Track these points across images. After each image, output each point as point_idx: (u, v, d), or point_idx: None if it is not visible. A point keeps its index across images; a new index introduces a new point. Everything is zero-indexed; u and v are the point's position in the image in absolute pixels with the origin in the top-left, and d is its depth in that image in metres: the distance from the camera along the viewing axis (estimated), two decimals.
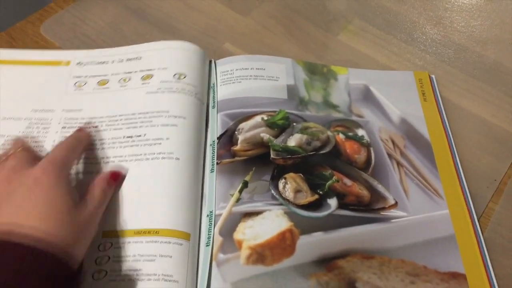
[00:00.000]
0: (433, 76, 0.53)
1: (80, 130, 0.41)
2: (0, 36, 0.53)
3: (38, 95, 0.45)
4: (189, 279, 0.36)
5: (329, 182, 0.43)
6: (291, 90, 0.49)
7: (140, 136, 0.42)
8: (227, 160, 0.44)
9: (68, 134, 0.41)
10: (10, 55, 0.49)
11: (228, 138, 0.45)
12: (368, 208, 0.42)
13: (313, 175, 0.43)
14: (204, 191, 0.42)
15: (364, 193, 0.43)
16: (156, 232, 0.37)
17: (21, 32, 0.53)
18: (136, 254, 0.36)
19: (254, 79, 0.49)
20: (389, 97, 0.50)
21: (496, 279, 0.39)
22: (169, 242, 0.36)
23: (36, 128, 0.43)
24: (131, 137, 0.42)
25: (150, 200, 0.39)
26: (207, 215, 0.40)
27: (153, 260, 0.36)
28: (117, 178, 0.39)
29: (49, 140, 0.42)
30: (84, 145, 0.40)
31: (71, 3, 0.57)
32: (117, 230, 0.37)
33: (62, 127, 0.43)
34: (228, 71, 0.50)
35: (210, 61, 0.51)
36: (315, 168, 0.44)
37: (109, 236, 0.37)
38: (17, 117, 0.43)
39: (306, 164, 0.44)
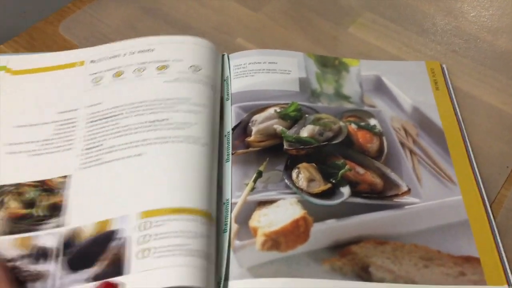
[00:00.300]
0: (444, 65, 0.54)
1: None
2: (20, 36, 0.55)
3: (60, 98, 0.47)
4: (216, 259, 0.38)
5: (342, 171, 0.44)
6: (303, 83, 0.50)
7: (163, 120, 0.43)
8: (242, 150, 0.45)
9: (95, 128, 0.43)
10: (27, 64, 0.50)
11: (242, 129, 0.46)
12: (381, 195, 0.43)
13: (326, 165, 0.44)
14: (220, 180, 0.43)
15: (377, 181, 0.44)
16: (190, 211, 0.38)
17: (41, 32, 0.55)
18: (178, 230, 0.37)
19: (266, 72, 0.50)
20: (401, 87, 0.51)
21: (508, 263, 0.40)
22: (198, 221, 0.38)
23: (64, 129, 0.45)
24: (154, 121, 0.43)
25: (177, 181, 0.40)
26: (224, 203, 0.41)
27: (191, 237, 0.37)
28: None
29: (78, 137, 0.44)
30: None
31: (88, 3, 0.58)
32: (154, 209, 0.38)
33: (88, 122, 0.45)
34: (241, 65, 0.51)
35: (223, 55, 0.52)
36: (328, 158, 0.45)
37: (147, 216, 0.38)
38: (44, 122, 0.45)
39: (319, 154, 0.45)
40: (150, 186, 0.40)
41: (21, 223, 0.39)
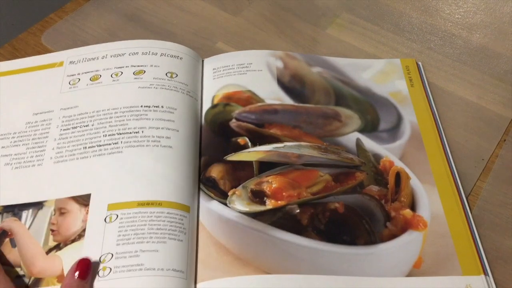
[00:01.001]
0: (420, 63, 0.55)
1: None
2: (3, 47, 0.55)
3: (36, 98, 0.48)
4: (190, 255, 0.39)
5: None
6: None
7: (138, 132, 0.44)
8: None
9: (67, 132, 0.44)
10: (7, 66, 0.51)
11: None
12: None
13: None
14: None
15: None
16: (159, 204, 0.39)
17: (23, 43, 0.56)
18: (141, 224, 0.38)
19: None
20: (377, 83, 0.52)
21: (484, 253, 0.41)
22: (171, 213, 0.39)
23: (36, 130, 0.45)
24: (129, 133, 0.44)
25: (150, 177, 0.41)
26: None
27: (156, 233, 0.38)
28: (85, 274, 0.36)
29: (51, 139, 0.44)
30: None
31: (70, 13, 0.59)
32: (121, 202, 0.40)
33: (62, 126, 0.45)
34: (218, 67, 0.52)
35: (203, 60, 0.53)
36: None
37: (114, 208, 0.39)
38: (20, 122, 0.46)
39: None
40: (117, 180, 0.41)
41: None
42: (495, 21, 0.60)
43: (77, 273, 0.35)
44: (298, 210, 0.41)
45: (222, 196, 0.42)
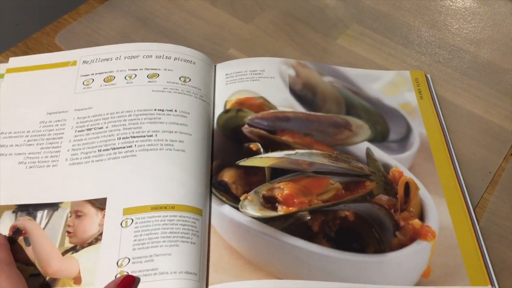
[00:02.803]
0: (428, 75, 0.56)
1: None
2: (17, 46, 0.56)
3: (50, 97, 0.48)
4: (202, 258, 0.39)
5: None
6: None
7: (151, 136, 0.44)
8: None
9: (82, 134, 0.44)
10: (19, 62, 0.51)
11: None
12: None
13: None
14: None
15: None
16: (172, 207, 0.40)
17: (37, 43, 0.56)
18: (155, 228, 0.39)
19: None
20: (386, 94, 0.53)
21: (491, 264, 0.41)
22: (184, 217, 0.40)
23: (51, 130, 0.45)
24: (143, 136, 0.44)
25: (163, 181, 0.42)
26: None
27: (169, 236, 0.39)
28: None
29: (66, 140, 0.45)
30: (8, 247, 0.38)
31: (84, 14, 0.60)
32: (136, 207, 0.40)
33: (76, 127, 0.45)
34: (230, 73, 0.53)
35: (215, 66, 0.54)
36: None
37: (129, 213, 0.40)
38: (34, 121, 0.46)
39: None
40: (132, 185, 0.41)
41: None
42: (502, 37, 0.61)
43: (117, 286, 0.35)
44: (309, 217, 0.42)
45: (234, 201, 0.43)
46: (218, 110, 0.50)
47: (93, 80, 0.49)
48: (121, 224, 0.39)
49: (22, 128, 0.46)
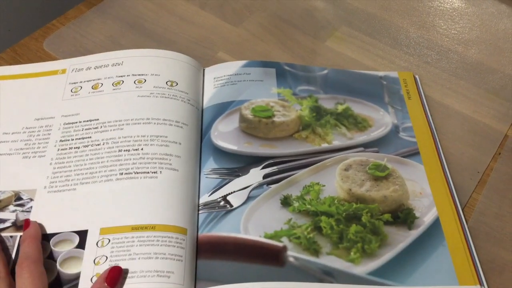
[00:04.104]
0: (417, 76, 0.56)
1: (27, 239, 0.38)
2: (5, 52, 0.56)
3: (38, 104, 0.48)
4: (187, 272, 0.38)
5: None
6: None
7: (137, 150, 0.44)
8: None
9: (67, 138, 0.44)
10: (10, 71, 0.52)
11: None
12: None
13: None
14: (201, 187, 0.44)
15: None
16: (152, 228, 0.39)
17: (25, 48, 0.56)
18: (132, 252, 0.38)
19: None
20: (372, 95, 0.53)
21: (479, 263, 0.41)
22: (166, 237, 0.39)
23: (37, 136, 0.45)
24: (128, 150, 0.44)
25: (145, 197, 0.41)
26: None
27: (150, 257, 0.38)
28: (115, 281, 0.36)
29: (51, 145, 0.45)
30: (39, 239, 0.38)
31: (72, 19, 0.60)
32: (114, 226, 0.39)
33: (62, 131, 0.45)
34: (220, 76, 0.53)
35: (204, 69, 0.54)
36: None
37: (106, 232, 0.39)
38: (21, 127, 0.46)
39: None
40: (111, 203, 0.41)
41: None
42: (490, 38, 0.62)
43: (106, 280, 0.35)
44: None
45: None
46: (206, 114, 0.50)
47: (81, 87, 0.49)
48: (96, 244, 0.38)
49: (9, 130, 0.46)
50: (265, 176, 0.45)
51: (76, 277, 0.37)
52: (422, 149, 0.49)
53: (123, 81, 0.49)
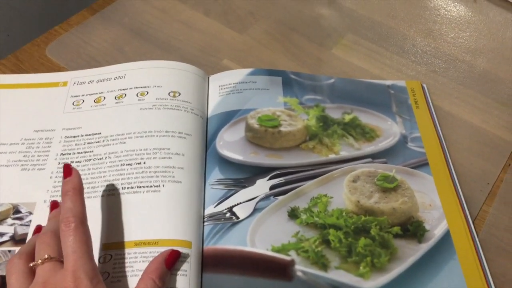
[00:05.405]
0: (424, 85, 0.55)
1: (69, 189, 0.36)
2: (7, 58, 0.55)
3: (38, 116, 0.47)
4: (192, 287, 0.37)
5: None
6: None
7: (139, 163, 0.43)
8: None
9: (68, 151, 0.43)
10: (11, 80, 0.51)
11: None
12: None
13: None
14: (206, 197, 0.43)
15: None
16: (155, 243, 0.38)
17: (27, 55, 0.56)
18: (135, 268, 0.37)
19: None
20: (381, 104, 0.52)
21: (491, 276, 0.40)
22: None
23: (37, 148, 0.45)
24: (130, 164, 0.43)
25: (147, 212, 0.40)
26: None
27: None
28: (172, 264, 0.36)
29: (51, 158, 0.44)
30: (82, 191, 0.37)
31: (75, 26, 0.59)
32: (117, 242, 0.38)
33: (63, 145, 0.45)
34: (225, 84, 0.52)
35: (208, 77, 0.53)
36: None
37: (109, 248, 0.38)
38: (19, 137, 0.46)
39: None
40: (114, 218, 0.40)
41: None
42: (498, 47, 0.61)
43: (166, 262, 0.36)
44: None
45: None
46: (211, 122, 0.49)
47: (83, 101, 0.49)
48: (99, 260, 0.37)
49: (8, 141, 0.45)
50: (271, 187, 0.44)
51: None
52: (431, 160, 0.48)
53: (125, 94, 0.48)
